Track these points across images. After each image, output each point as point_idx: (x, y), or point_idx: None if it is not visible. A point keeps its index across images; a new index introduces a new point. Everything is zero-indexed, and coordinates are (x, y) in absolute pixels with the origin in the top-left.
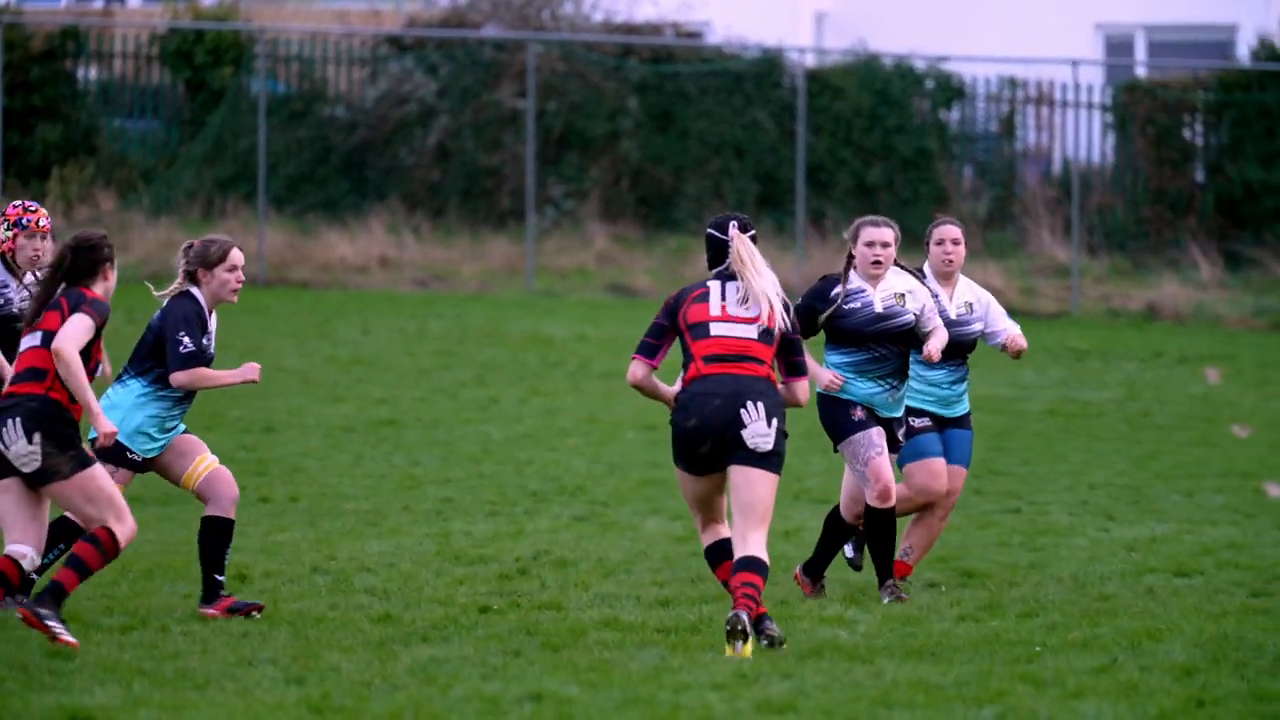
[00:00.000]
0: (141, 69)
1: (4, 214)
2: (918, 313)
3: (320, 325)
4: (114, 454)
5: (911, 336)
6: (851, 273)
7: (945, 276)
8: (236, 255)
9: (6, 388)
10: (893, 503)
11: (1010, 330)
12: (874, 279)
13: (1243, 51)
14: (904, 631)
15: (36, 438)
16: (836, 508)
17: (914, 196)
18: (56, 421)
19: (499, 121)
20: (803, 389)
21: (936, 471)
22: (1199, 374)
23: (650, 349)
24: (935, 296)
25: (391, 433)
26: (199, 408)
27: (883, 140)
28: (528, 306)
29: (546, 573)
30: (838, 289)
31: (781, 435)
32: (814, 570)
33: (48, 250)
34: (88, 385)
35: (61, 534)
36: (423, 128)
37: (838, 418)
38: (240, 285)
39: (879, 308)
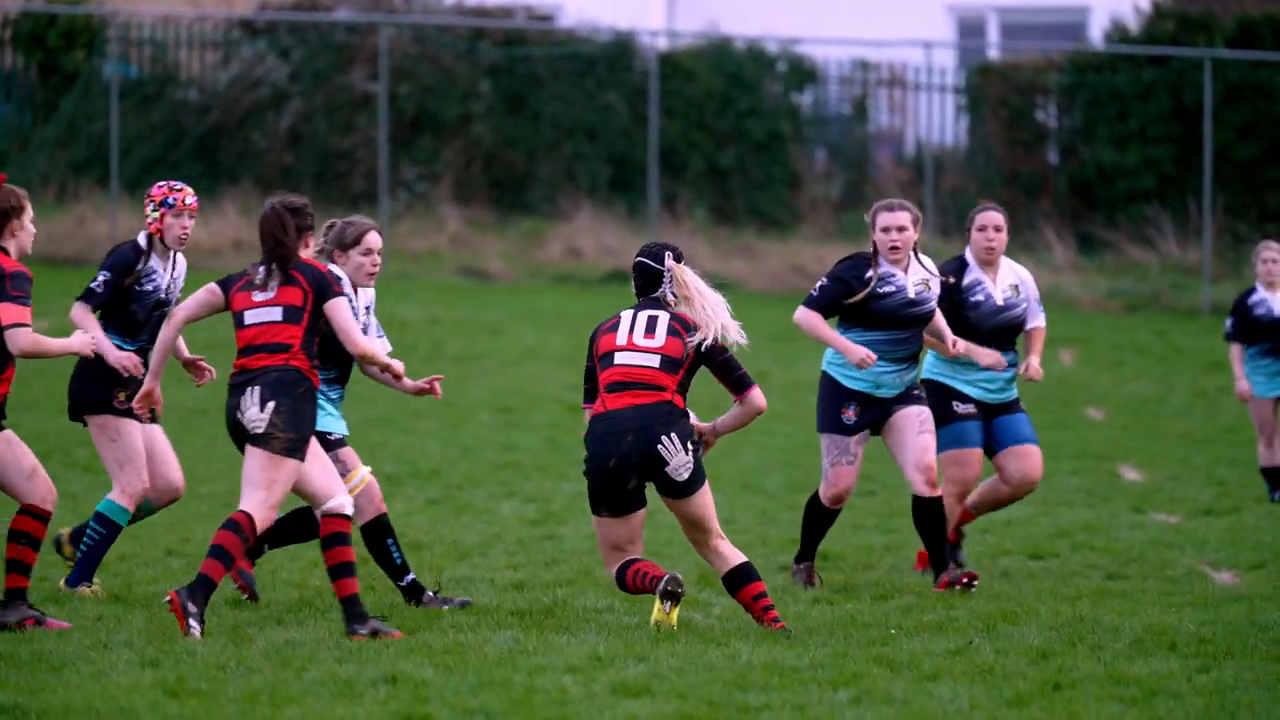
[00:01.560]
0: None
1: (149, 194)
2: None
3: None
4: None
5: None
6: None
7: (987, 263)
8: (373, 239)
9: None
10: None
11: (1036, 339)
12: (896, 264)
13: (1095, 34)
14: None
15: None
16: (815, 495)
17: (766, 179)
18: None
19: (351, 105)
20: (757, 397)
21: (967, 461)
22: (1053, 356)
23: (591, 394)
24: (980, 284)
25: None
26: (41, 389)
27: (735, 123)
28: (381, 290)
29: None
30: (871, 272)
31: (695, 450)
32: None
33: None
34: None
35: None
36: (275, 111)
37: (830, 410)
38: (376, 269)
39: (911, 293)
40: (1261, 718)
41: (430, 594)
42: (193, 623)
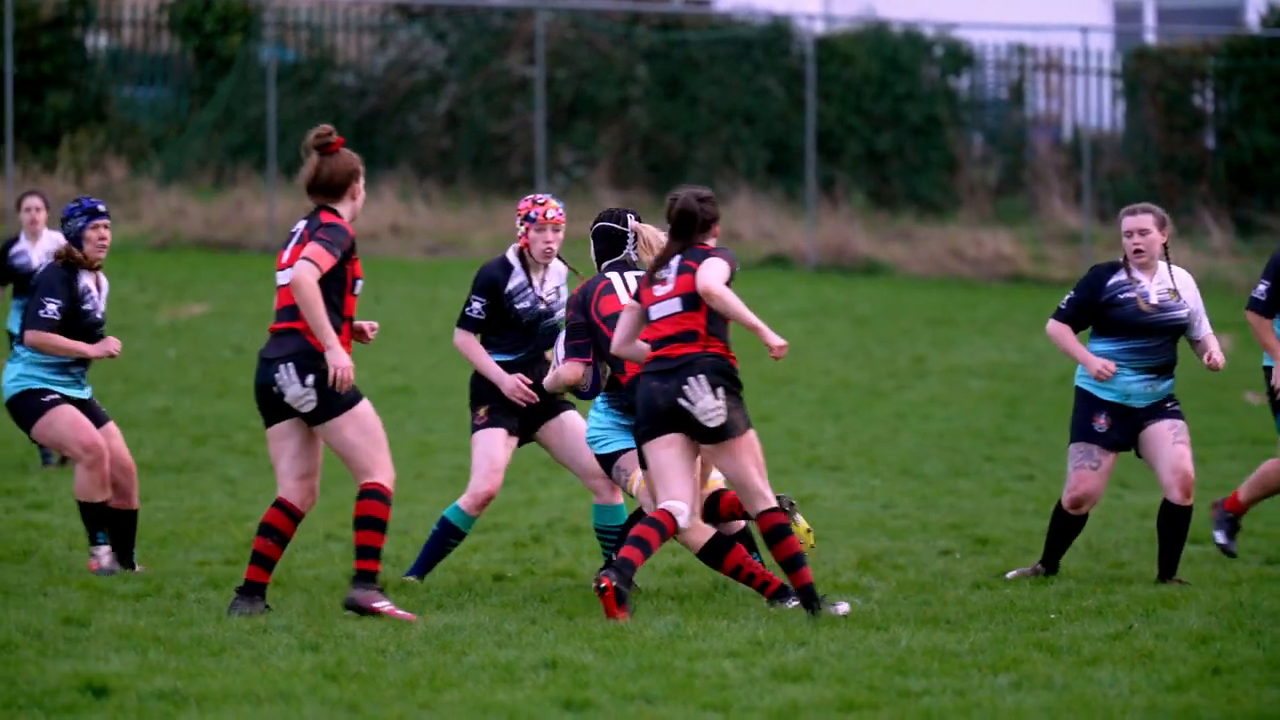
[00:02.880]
0: (150, 37)
1: (517, 208)
2: (1192, 309)
3: None
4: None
5: (1181, 331)
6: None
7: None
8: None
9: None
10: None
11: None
12: (1143, 269)
13: (1252, 18)
14: (919, 599)
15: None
16: (1059, 503)
17: (924, 163)
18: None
19: (508, 89)
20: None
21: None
22: None
23: (581, 350)
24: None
25: (404, 400)
26: (203, 375)
27: (892, 107)
28: None
29: (561, 540)
30: (1113, 278)
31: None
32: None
33: (559, 242)
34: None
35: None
36: (432, 95)
37: (1082, 419)
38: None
39: (1153, 299)
40: None
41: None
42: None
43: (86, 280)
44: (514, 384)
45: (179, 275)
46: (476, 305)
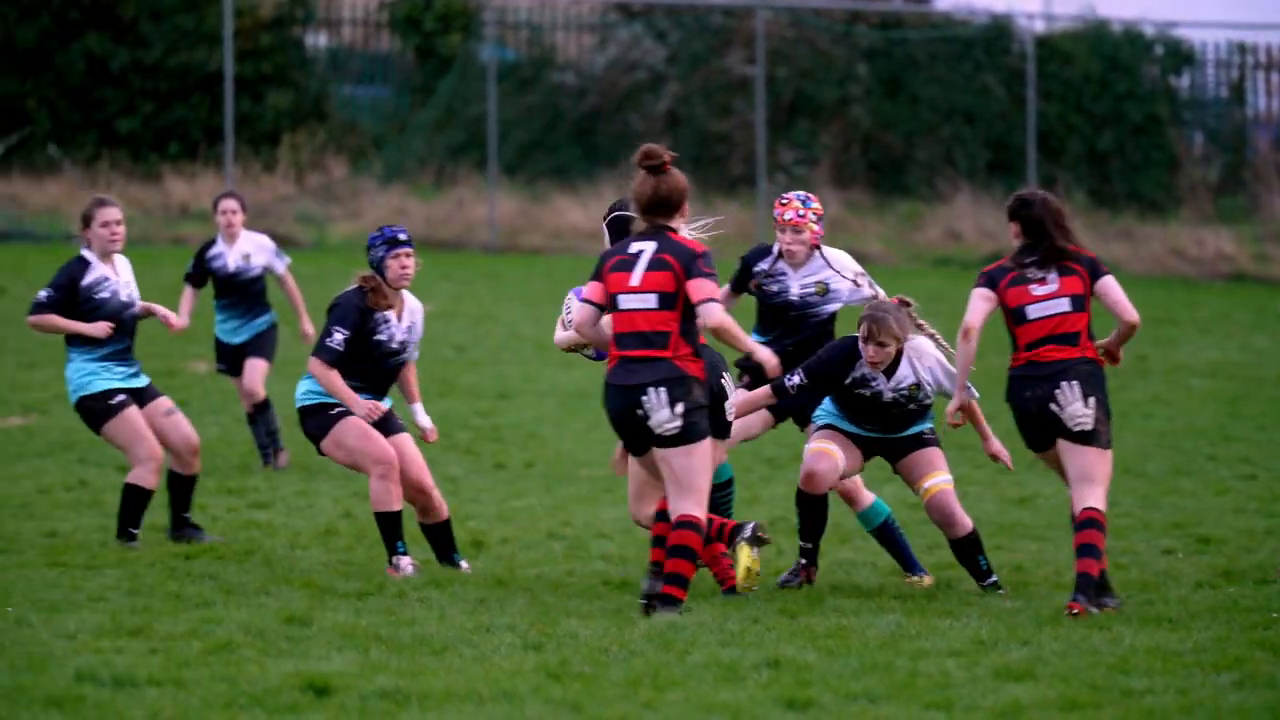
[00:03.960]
0: (370, 36)
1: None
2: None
3: (553, 291)
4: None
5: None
6: None
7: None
8: None
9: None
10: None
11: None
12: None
13: None
14: (1141, 599)
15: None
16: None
17: (1145, 162)
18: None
19: (728, 88)
20: None
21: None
22: None
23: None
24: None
25: None
26: (427, 373)
27: (1112, 106)
28: None
29: (783, 539)
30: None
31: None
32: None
33: (797, 243)
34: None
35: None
36: (652, 94)
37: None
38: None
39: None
40: None
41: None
42: None
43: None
44: None
45: None
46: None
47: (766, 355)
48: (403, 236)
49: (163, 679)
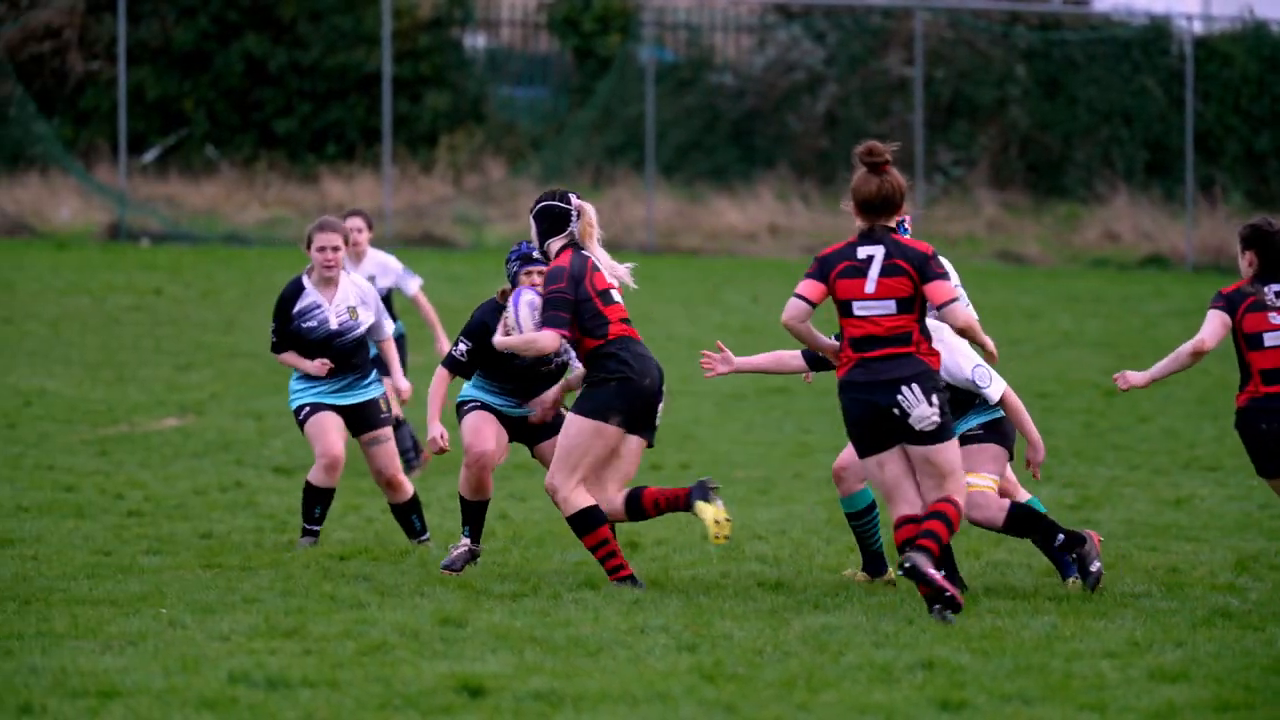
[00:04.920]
0: (529, 37)
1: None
2: None
3: (710, 292)
4: None
5: None
6: None
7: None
8: None
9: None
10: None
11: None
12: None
13: None
14: None
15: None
16: None
17: None
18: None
19: (887, 89)
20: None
21: None
22: None
23: (562, 321)
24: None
25: (782, 400)
26: None
27: (1271, 107)
28: None
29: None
30: None
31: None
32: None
33: None
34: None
35: None
36: (811, 95)
37: None
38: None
39: None
40: None
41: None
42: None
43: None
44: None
45: None
46: None
47: (994, 347)
48: (536, 254)
49: (316, 680)
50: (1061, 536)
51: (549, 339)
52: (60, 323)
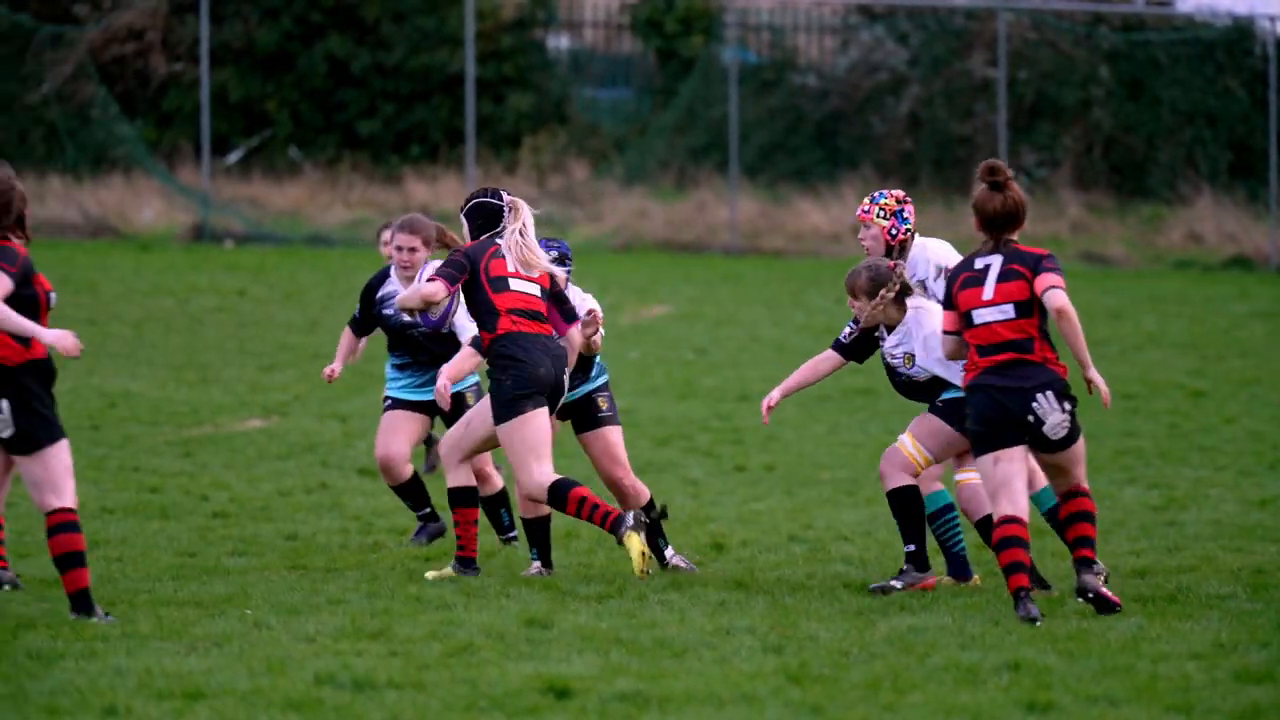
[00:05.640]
0: (612, 38)
1: None
2: None
3: (794, 294)
4: None
5: None
6: None
7: None
8: None
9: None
10: None
11: None
12: None
13: None
14: None
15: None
16: None
17: None
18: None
19: (970, 90)
20: (577, 330)
21: None
22: None
23: (452, 277)
24: None
25: (866, 402)
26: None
27: None
28: None
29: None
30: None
31: None
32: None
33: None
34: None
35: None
36: (894, 96)
37: None
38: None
39: None
40: None
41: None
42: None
43: None
44: None
45: (641, 277)
46: None
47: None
48: (553, 254)
49: (402, 682)
50: (912, 547)
51: (434, 286)
52: (144, 324)
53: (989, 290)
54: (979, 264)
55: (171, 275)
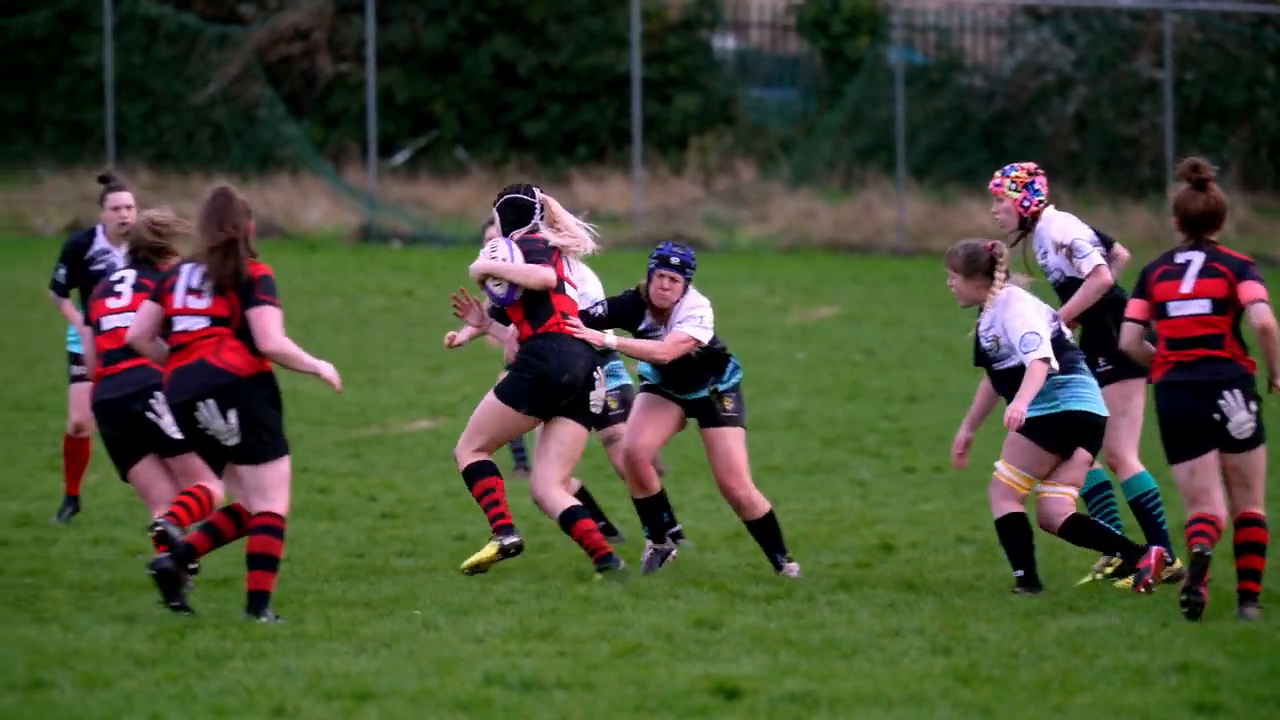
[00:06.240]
0: (778, 38)
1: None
2: None
3: None
4: None
5: None
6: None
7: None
8: None
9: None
10: None
11: None
12: None
13: None
14: None
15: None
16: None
17: None
18: None
19: (1136, 91)
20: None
21: None
22: None
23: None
24: None
25: None
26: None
27: None
28: None
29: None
30: None
31: None
32: None
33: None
34: None
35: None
36: (1060, 97)
37: None
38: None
39: None
40: None
41: None
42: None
43: None
44: None
45: (808, 277)
46: None
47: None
48: (674, 260)
49: (571, 682)
50: (1021, 572)
51: (549, 272)
52: (311, 324)
53: (1188, 284)
54: (1180, 258)
55: (339, 275)
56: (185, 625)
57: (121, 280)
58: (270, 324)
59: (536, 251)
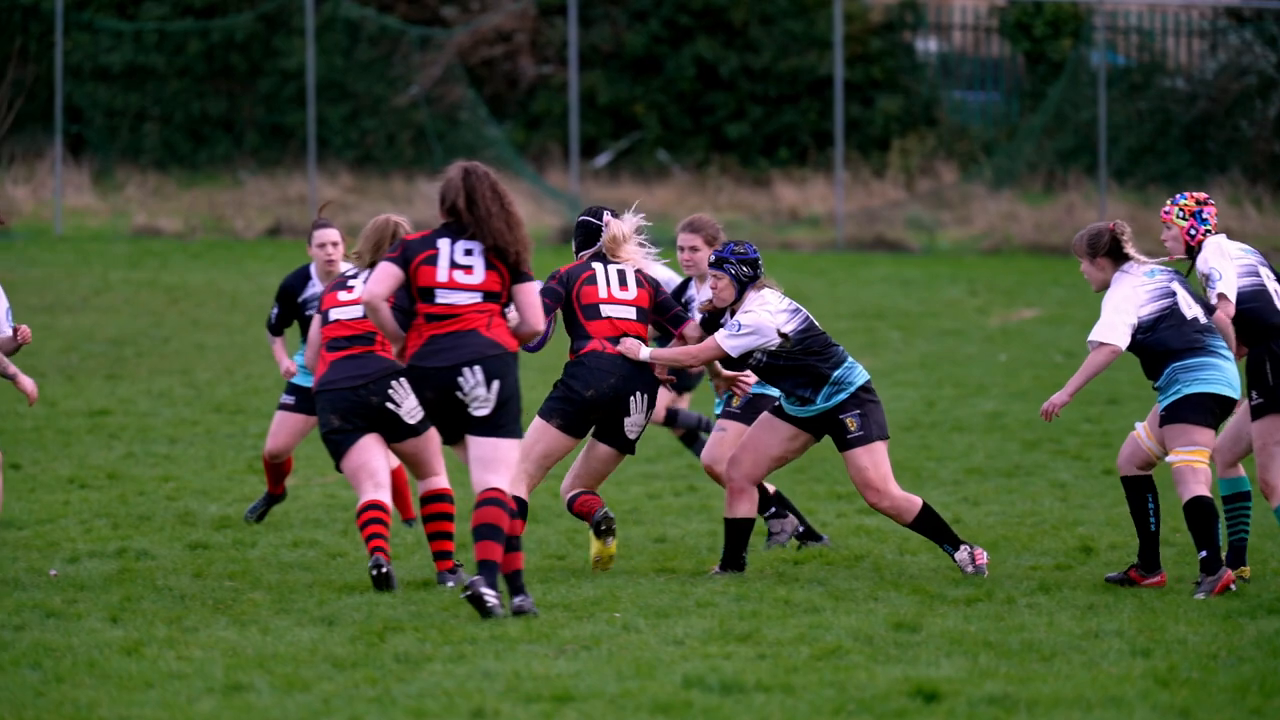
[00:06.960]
0: (980, 41)
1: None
2: None
3: None
4: None
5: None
6: None
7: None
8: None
9: None
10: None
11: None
12: None
13: None
14: None
15: None
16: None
17: None
18: None
19: None
20: (694, 325)
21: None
22: None
23: (547, 309)
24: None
25: None
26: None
27: None
28: None
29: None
30: None
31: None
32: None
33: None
34: None
35: None
36: (1262, 100)
37: None
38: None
39: None
40: None
41: None
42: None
43: None
44: None
45: (1010, 279)
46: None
47: None
48: (711, 257)
49: (771, 685)
50: (1205, 553)
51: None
52: None
53: None
54: None
55: (543, 275)
56: (385, 628)
57: (355, 275)
58: (539, 305)
59: (545, 291)
